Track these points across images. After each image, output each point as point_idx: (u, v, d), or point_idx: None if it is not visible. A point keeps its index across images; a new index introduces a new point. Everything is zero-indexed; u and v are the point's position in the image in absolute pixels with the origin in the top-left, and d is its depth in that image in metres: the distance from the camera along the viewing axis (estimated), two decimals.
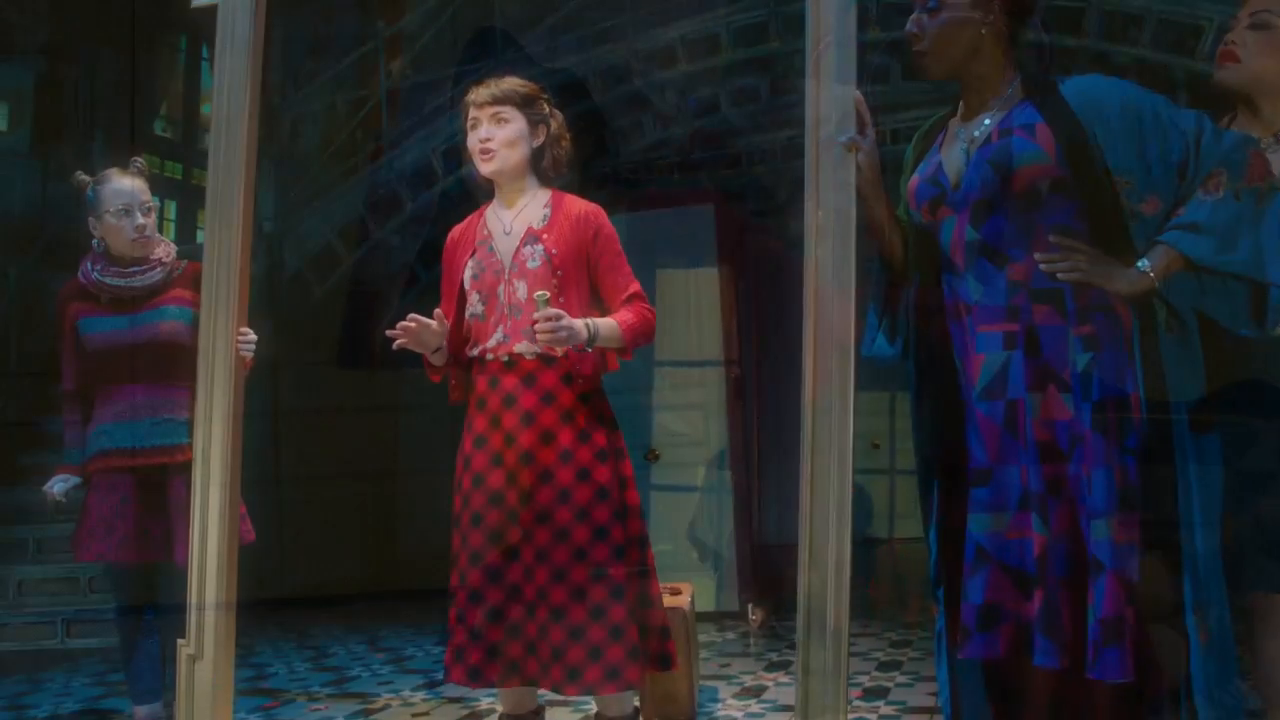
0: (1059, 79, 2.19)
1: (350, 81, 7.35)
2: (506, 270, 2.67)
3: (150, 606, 3.16)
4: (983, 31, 2.16)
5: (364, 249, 7.11)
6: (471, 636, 2.66)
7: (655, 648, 2.67)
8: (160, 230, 3.28)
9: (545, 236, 2.66)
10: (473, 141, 2.71)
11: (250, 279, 3.02)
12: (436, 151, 6.79)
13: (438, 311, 2.72)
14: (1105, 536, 2.01)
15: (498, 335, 2.67)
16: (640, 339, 2.67)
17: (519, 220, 2.72)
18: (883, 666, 4.32)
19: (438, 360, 2.80)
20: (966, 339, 2.19)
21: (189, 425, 3.09)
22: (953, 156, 2.22)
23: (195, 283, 3.17)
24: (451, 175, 6.82)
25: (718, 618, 5.48)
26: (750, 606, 5.39)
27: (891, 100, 7.21)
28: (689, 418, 5.63)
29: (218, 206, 2.98)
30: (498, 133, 2.67)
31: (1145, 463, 2.04)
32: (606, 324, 2.61)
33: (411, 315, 2.68)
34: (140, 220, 3.10)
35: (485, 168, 2.70)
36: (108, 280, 3.12)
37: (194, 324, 3.11)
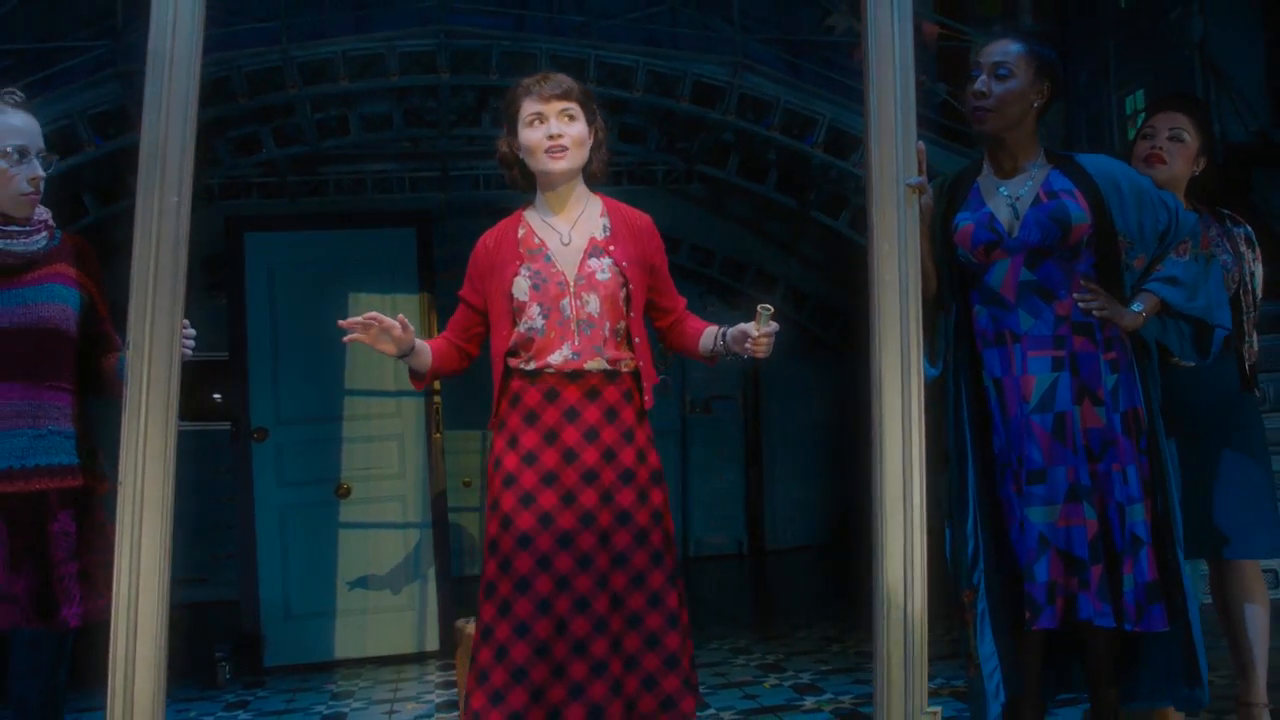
0: (1070, 154, 2.71)
1: None
2: (572, 283, 2.53)
3: None
4: (1034, 104, 2.61)
5: None
6: (515, 676, 2.41)
7: (695, 679, 2.58)
8: None
9: (612, 249, 2.57)
10: (535, 137, 2.53)
11: None
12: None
13: (400, 317, 2.51)
14: (1141, 518, 2.53)
15: (564, 351, 2.51)
16: None
17: (578, 230, 2.59)
18: None
19: (416, 366, 2.61)
20: (1012, 362, 2.59)
21: (78, 440, 2.38)
22: (999, 208, 2.62)
23: (77, 258, 2.49)
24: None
25: (420, 659, 5.22)
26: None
27: None
28: (383, 449, 5.32)
29: (157, 163, 2.40)
30: (569, 130, 2.53)
31: (1150, 459, 2.60)
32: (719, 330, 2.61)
33: (373, 314, 2.48)
34: (39, 171, 2.32)
35: (556, 164, 2.53)
36: None
37: (82, 310, 2.43)
